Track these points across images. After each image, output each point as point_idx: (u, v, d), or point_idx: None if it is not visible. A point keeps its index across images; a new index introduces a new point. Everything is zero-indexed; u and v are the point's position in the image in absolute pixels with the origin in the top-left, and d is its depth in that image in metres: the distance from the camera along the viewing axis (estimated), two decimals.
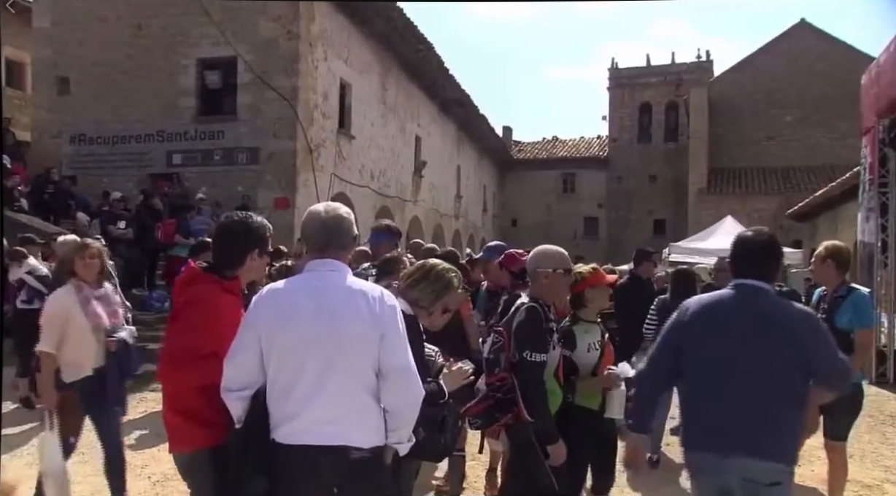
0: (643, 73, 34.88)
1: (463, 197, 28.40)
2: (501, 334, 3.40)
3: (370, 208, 18.11)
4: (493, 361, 3.39)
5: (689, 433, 2.76)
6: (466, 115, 26.20)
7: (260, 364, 2.35)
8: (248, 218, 2.88)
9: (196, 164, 14.78)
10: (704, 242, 16.00)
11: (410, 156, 21.86)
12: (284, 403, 2.31)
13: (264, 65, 14.42)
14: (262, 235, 2.85)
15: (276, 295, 2.41)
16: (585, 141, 38.61)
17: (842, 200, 17.47)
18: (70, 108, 15.49)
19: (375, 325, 2.36)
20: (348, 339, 2.33)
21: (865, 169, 11.41)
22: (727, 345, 2.63)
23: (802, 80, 28.08)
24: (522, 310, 3.37)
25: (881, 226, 10.95)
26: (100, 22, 15.27)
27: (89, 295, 4.15)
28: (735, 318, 2.65)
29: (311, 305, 2.34)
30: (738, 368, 2.60)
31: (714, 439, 2.63)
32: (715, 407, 2.63)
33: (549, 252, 3.59)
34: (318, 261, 2.45)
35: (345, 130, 16.70)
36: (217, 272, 2.77)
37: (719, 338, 2.65)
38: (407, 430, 2.46)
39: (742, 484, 2.58)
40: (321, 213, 2.51)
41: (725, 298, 2.73)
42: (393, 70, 19.66)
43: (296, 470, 2.29)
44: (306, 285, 2.41)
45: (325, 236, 2.48)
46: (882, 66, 10.52)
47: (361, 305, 2.38)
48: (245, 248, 2.78)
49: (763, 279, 2.70)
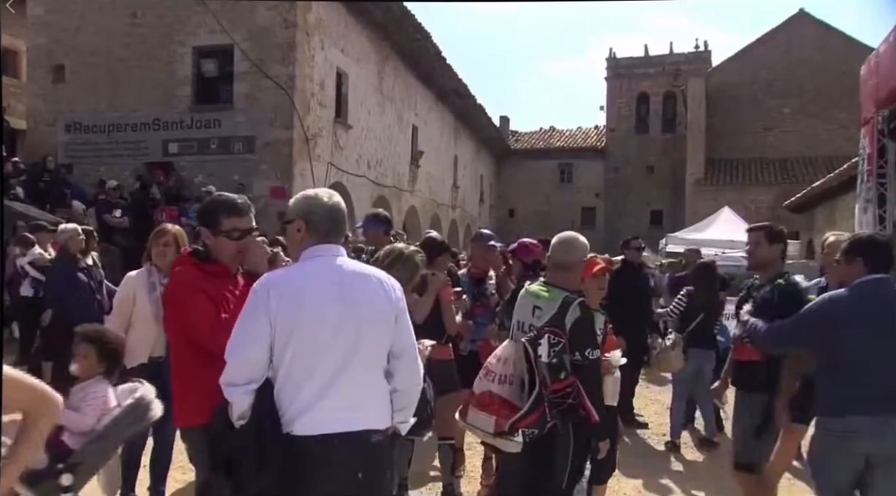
0: (641, 63, 34.75)
1: (460, 187, 28.36)
2: (559, 334, 3.14)
3: (367, 198, 18.07)
4: (557, 365, 3.09)
5: (847, 399, 3.19)
6: (464, 104, 26.11)
7: (269, 356, 2.28)
8: (209, 196, 2.93)
9: (192, 152, 14.73)
10: (702, 233, 15.99)
11: (407, 145, 21.80)
12: (299, 394, 2.26)
13: (261, 53, 14.34)
14: (208, 213, 2.80)
15: (291, 281, 2.34)
16: (583, 131, 38.53)
17: (839, 191, 17.44)
18: (65, 97, 15.41)
19: (392, 308, 2.42)
20: (370, 323, 2.35)
21: (864, 160, 11.36)
22: (871, 326, 3.19)
23: (801, 70, 28.01)
24: (576, 307, 3.19)
25: (879, 216, 10.94)
26: (95, 10, 15.17)
27: (156, 281, 4.06)
28: (877, 305, 3.24)
29: (333, 291, 2.32)
30: (879, 344, 3.17)
31: (879, 403, 3.14)
32: (878, 376, 3.16)
33: (577, 241, 3.51)
34: (325, 247, 2.42)
35: (341, 120, 16.64)
36: (199, 254, 2.85)
37: (869, 322, 3.20)
38: (412, 410, 2.51)
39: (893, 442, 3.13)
40: (325, 200, 2.49)
41: (876, 289, 3.27)
42: (390, 59, 19.57)
43: (318, 462, 2.24)
44: (323, 271, 2.37)
45: (330, 223, 2.46)
46: (881, 56, 10.45)
47: (378, 289, 2.41)
48: (200, 227, 2.84)
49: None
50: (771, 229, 4.04)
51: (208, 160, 14.56)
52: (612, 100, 35.14)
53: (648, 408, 8.09)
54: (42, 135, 15.52)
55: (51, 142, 15.28)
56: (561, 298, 3.24)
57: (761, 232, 4.05)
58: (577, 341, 3.15)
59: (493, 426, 3.10)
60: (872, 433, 3.12)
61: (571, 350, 3.14)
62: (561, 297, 3.25)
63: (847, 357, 3.24)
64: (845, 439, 3.18)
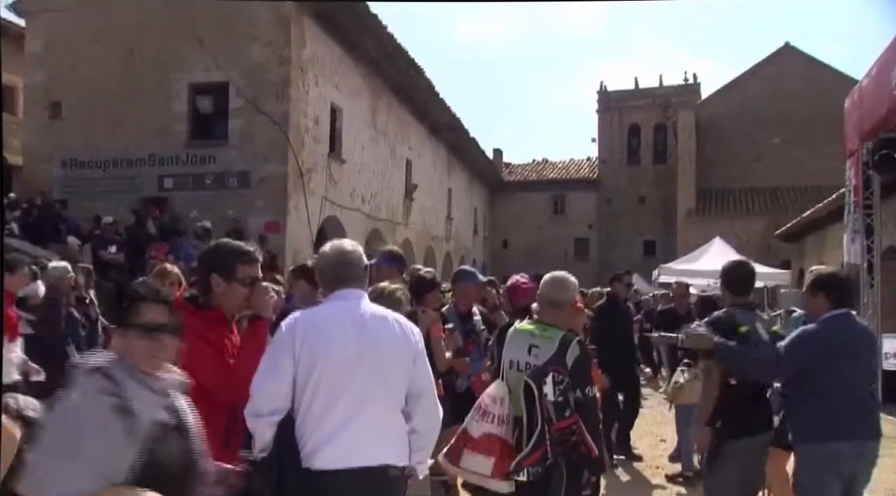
0: (631, 95, 35.24)
1: (454, 219, 28.51)
2: (562, 372, 3.20)
3: (361, 231, 18.16)
4: (562, 403, 3.15)
5: (828, 425, 3.46)
6: (457, 138, 26.38)
7: (291, 388, 2.41)
8: (219, 242, 2.92)
9: (187, 188, 14.82)
10: (693, 264, 16.14)
11: (401, 179, 21.97)
12: (319, 428, 2.36)
13: (256, 90, 14.52)
14: (221, 259, 2.77)
15: (317, 320, 2.49)
16: (575, 163, 38.89)
17: (828, 221, 17.65)
18: (62, 133, 15.53)
19: (410, 350, 2.53)
20: (389, 363, 2.47)
21: (850, 191, 11.57)
22: (847, 355, 3.52)
23: (788, 102, 28.46)
24: (575, 345, 3.28)
25: (867, 247, 11.10)
26: (92, 47, 15.34)
27: None
28: (850, 336, 3.60)
29: (354, 331, 2.45)
30: (852, 373, 3.50)
31: (857, 427, 3.46)
32: (854, 401, 3.48)
33: (568, 281, 3.57)
34: (348, 291, 2.58)
35: (335, 154, 16.80)
36: (195, 300, 2.79)
37: (845, 353, 3.52)
38: (430, 450, 2.60)
39: (869, 462, 3.51)
40: (327, 251, 2.68)
41: (843, 323, 3.61)
42: (384, 94, 19.82)
43: (337, 495, 2.33)
44: (346, 312, 2.52)
45: (337, 270, 2.63)
46: (864, 89, 10.71)
47: (397, 331, 2.54)
48: (204, 272, 2.78)
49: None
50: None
51: (203, 195, 14.64)
52: (604, 132, 35.55)
53: (643, 440, 8.10)
54: (38, 171, 15.61)
55: (47, 177, 15.37)
56: (559, 337, 3.31)
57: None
58: (578, 379, 3.22)
59: (491, 468, 3.16)
60: (853, 456, 3.45)
61: (573, 388, 3.20)
62: (559, 336, 3.32)
63: (827, 384, 3.49)
64: (830, 463, 3.44)
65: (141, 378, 1.95)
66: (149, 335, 1.99)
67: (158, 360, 2.02)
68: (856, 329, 3.68)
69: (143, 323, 1.99)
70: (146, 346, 1.99)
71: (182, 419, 2.03)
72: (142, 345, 1.98)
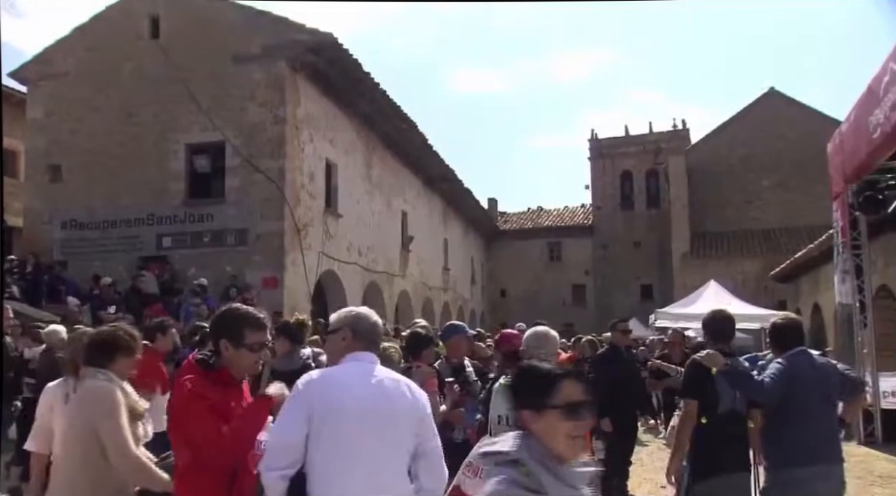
0: (622, 142, 35.78)
1: (451, 269, 28.64)
2: None
3: (358, 284, 18.28)
4: None
5: (795, 451, 3.77)
6: (452, 188, 26.71)
7: (304, 445, 2.50)
8: (228, 307, 2.98)
9: (185, 246, 14.99)
10: (689, 307, 16.22)
11: (397, 231, 22.18)
12: (329, 486, 2.47)
13: (251, 148, 14.82)
14: (230, 325, 2.82)
15: (330, 379, 2.61)
16: (570, 210, 39.25)
17: (821, 261, 17.82)
18: (62, 195, 15.78)
19: (418, 412, 2.65)
20: (398, 423, 2.58)
21: (838, 232, 11.75)
22: (812, 387, 3.83)
23: (776, 144, 28.92)
24: None
25: (857, 287, 11.22)
26: (92, 111, 15.72)
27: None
28: (811, 371, 3.91)
29: (366, 391, 2.56)
30: (817, 405, 3.81)
31: (821, 452, 3.77)
32: (819, 429, 3.79)
33: (549, 336, 3.84)
34: (363, 354, 2.71)
35: (331, 209, 17.02)
36: (205, 362, 2.85)
37: (812, 383, 3.84)
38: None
39: (837, 486, 3.78)
40: (370, 316, 2.84)
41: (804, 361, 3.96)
42: (378, 148, 20.16)
43: None
44: (358, 373, 2.64)
45: (372, 334, 2.80)
46: (845, 134, 10.98)
47: (406, 392, 2.66)
48: (215, 336, 2.86)
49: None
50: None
51: (201, 253, 14.80)
52: (597, 178, 35.94)
53: (642, 487, 8.08)
54: (38, 232, 15.81)
55: (47, 239, 15.57)
56: None
57: None
58: None
59: None
60: (820, 478, 3.73)
61: None
62: None
63: (796, 412, 3.80)
64: (799, 487, 3.72)
65: (552, 467, 1.81)
66: (571, 416, 1.83)
67: (578, 444, 1.87)
68: (814, 363, 4.00)
69: (566, 403, 1.83)
70: (569, 428, 1.83)
71: None
72: (565, 428, 1.83)
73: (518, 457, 1.79)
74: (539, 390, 1.86)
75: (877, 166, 10.17)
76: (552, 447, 1.82)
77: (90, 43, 15.95)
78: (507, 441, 1.86)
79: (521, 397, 1.92)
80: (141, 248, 15.19)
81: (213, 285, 13.64)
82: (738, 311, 16.23)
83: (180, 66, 14.99)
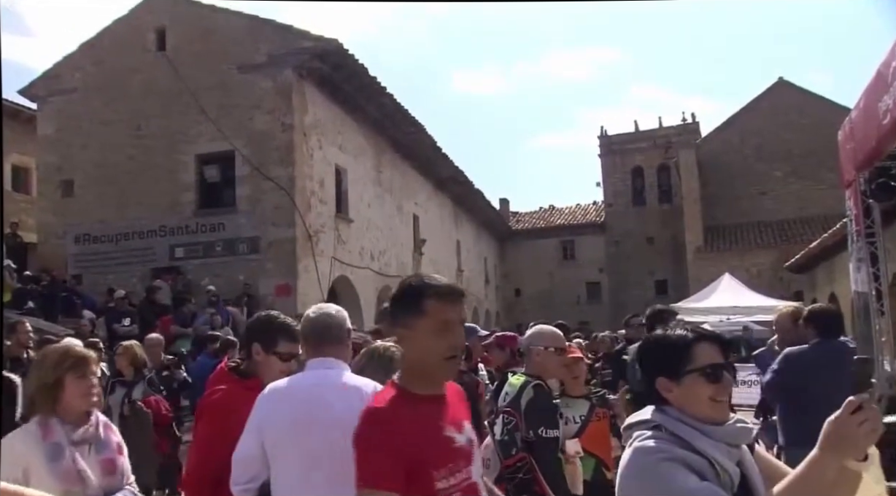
0: (632, 138, 35.60)
1: (464, 271, 28.62)
2: (512, 414, 3.42)
3: (372, 289, 18.30)
4: (508, 442, 3.37)
5: (810, 437, 3.78)
6: (462, 190, 26.69)
7: (264, 458, 2.47)
8: (267, 313, 2.98)
9: (198, 256, 15.08)
10: (704, 302, 16.14)
11: (409, 234, 22.19)
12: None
13: (261, 157, 14.89)
14: (263, 330, 2.84)
15: (275, 394, 2.55)
16: (582, 208, 39.13)
17: (836, 250, 17.63)
18: (74, 210, 15.93)
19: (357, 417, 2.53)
20: (341, 436, 2.38)
21: (851, 220, 11.59)
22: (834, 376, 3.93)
23: (787, 135, 28.70)
24: (530, 389, 3.45)
25: (873, 275, 11.09)
26: (101, 125, 15.85)
27: (62, 441, 2.59)
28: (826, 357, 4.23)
29: (306, 406, 2.46)
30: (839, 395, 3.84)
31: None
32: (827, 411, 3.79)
33: (542, 331, 3.78)
34: (315, 360, 2.60)
35: (342, 214, 17.06)
36: (238, 370, 2.89)
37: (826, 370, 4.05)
38: None
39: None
40: (311, 315, 2.70)
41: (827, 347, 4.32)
42: (386, 152, 20.17)
43: None
44: (303, 383, 2.56)
45: (318, 332, 2.64)
46: (854, 121, 10.81)
47: (355, 402, 2.44)
48: (246, 342, 2.89)
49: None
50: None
51: (214, 262, 14.89)
52: (608, 175, 35.80)
53: None
54: (52, 247, 15.96)
55: (61, 254, 15.71)
56: (521, 383, 3.52)
57: None
58: (530, 419, 3.39)
59: None
60: None
61: (526, 428, 3.37)
62: (521, 382, 3.52)
63: (810, 400, 3.93)
64: None
65: (699, 427, 1.76)
66: (713, 378, 1.78)
67: (723, 407, 1.81)
68: (838, 352, 4.24)
69: (706, 365, 1.79)
70: (712, 391, 1.78)
71: (750, 475, 1.81)
72: (707, 391, 1.77)
73: (660, 423, 1.77)
74: (675, 357, 1.79)
75: (888, 153, 10.03)
76: (695, 413, 1.76)
77: (97, 57, 16.11)
78: (646, 412, 1.84)
79: (654, 367, 1.85)
80: (154, 260, 15.29)
81: (226, 295, 13.70)
82: (753, 303, 16.16)
83: (187, 77, 15.10)
